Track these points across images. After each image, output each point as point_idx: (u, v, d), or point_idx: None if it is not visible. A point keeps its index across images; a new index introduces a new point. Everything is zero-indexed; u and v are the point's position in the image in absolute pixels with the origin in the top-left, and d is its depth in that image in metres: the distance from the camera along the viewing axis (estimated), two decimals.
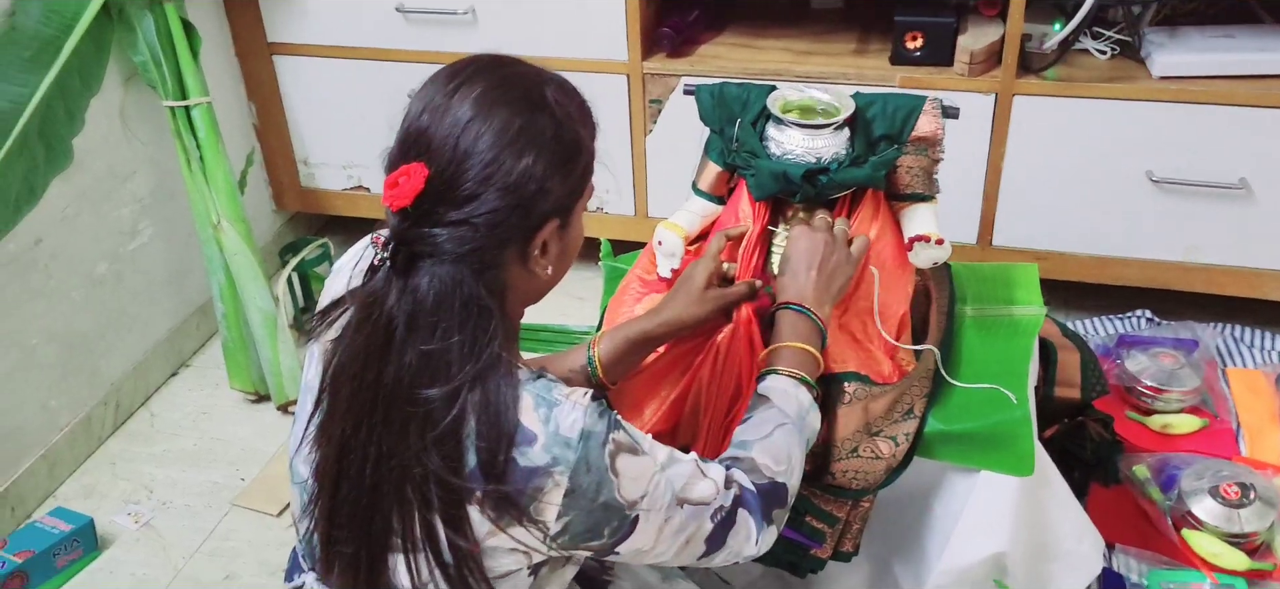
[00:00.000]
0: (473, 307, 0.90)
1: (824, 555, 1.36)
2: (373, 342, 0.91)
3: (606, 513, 0.92)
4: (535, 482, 0.90)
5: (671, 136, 2.07)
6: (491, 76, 0.92)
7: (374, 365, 0.91)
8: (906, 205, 1.36)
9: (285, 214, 2.48)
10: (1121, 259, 1.99)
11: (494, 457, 0.89)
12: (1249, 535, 1.55)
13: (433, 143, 0.89)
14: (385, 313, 0.90)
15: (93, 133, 1.88)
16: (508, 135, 0.89)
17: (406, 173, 0.88)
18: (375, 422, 0.91)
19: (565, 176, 0.92)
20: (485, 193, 0.88)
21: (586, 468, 0.90)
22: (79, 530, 1.74)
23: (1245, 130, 1.83)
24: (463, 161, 0.88)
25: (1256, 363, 1.96)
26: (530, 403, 0.91)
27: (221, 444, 1.98)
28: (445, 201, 0.88)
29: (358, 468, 0.93)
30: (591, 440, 0.90)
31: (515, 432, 0.89)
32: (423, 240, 0.89)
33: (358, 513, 0.94)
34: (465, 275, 0.89)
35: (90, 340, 1.97)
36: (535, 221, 0.92)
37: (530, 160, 0.89)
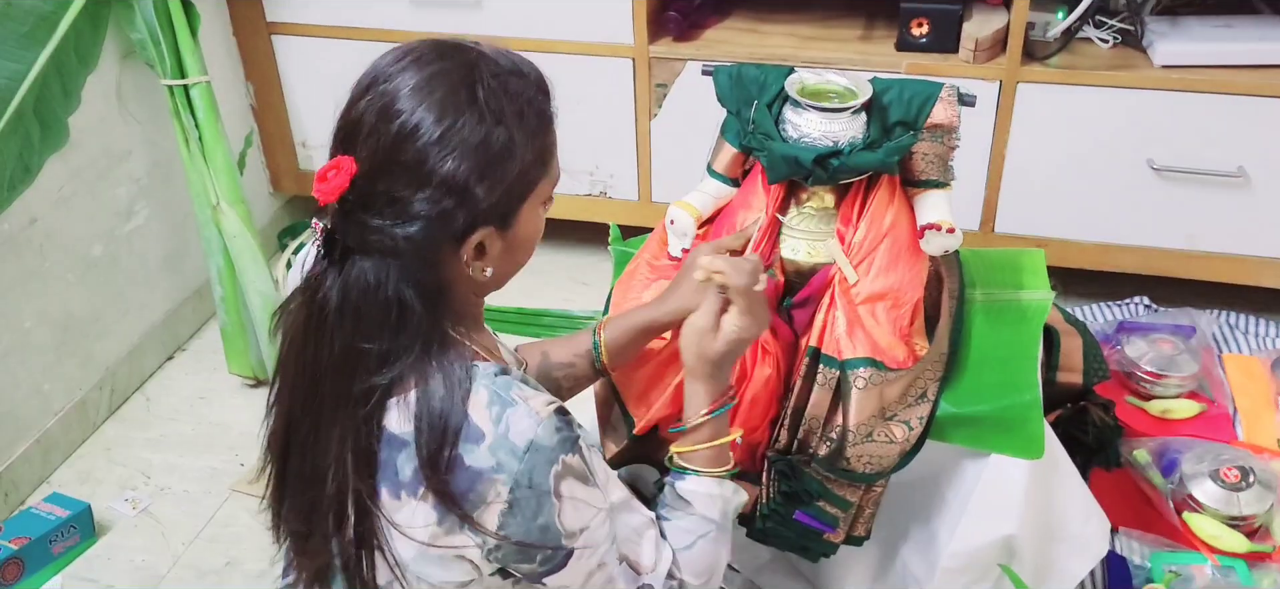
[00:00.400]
0: (393, 305, 0.88)
1: (837, 540, 1.37)
2: (309, 323, 0.91)
3: (543, 536, 0.90)
4: (479, 486, 0.88)
5: (677, 121, 2.07)
6: (423, 69, 0.88)
7: (310, 348, 0.91)
8: (921, 192, 1.36)
9: (283, 197, 2.46)
10: (1122, 246, 2.01)
11: (437, 453, 0.87)
12: (1248, 518, 1.58)
13: (361, 138, 0.87)
14: (320, 298, 0.90)
15: (89, 111, 1.85)
16: (430, 140, 0.86)
17: (335, 166, 0.86)
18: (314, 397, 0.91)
19: (493, 184, 0.88)
20: (405, 201, 0.86)
21: (529, 482, 0.88)
22: (76, 516, 1.72)
23: (1244, 119, 1.85)
24: (386, 163, 0.86)
25: (1252, 349, 1.98)
26: (484, 399, 0.89)
27: (220, 429, 1.96)
28: (369, 202, 0.87)
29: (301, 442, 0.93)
30: (538, 454, 0.88)
31: (461, 425, 0.88)
32: (352, 235, 0.88)
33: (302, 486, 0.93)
34: (391, 274, 0.88)
35: (85, 323, 1.94)
36: (461, 229, 0.89)
37: (449, 168, 0.86)
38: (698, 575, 1.05)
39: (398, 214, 0.86)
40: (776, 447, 1.34)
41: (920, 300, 1.36)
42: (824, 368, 1.30)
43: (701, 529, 1.06)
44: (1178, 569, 1.52)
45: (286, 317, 0.95)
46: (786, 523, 1.35)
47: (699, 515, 1.07)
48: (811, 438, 1.31)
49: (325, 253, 0.90)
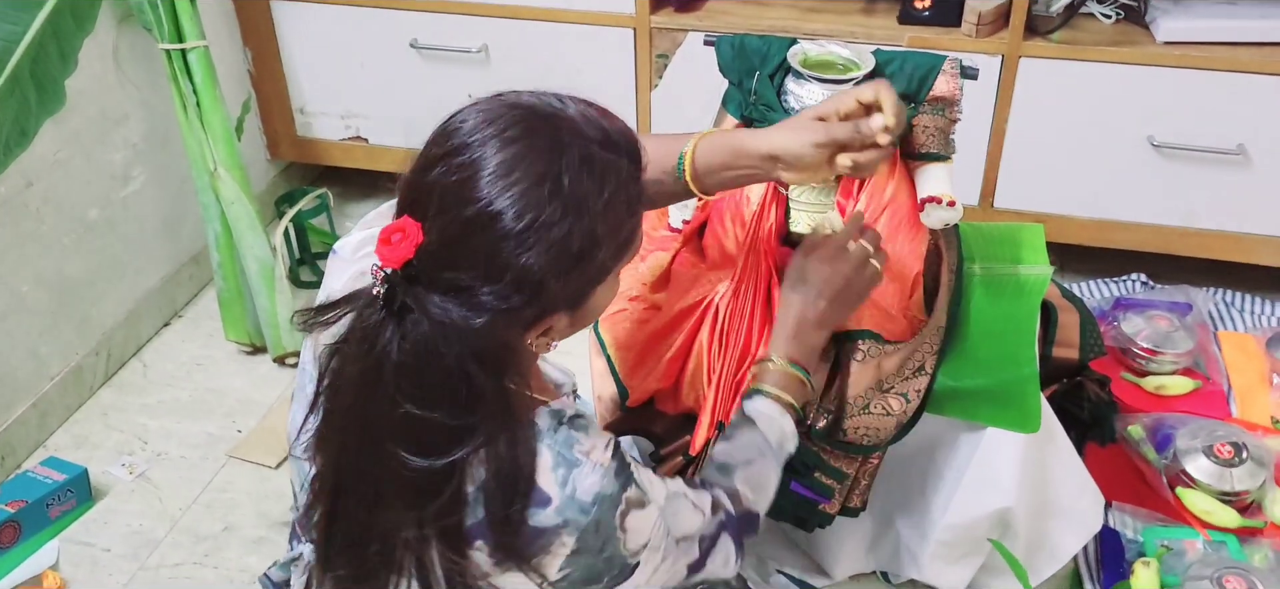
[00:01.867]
0: (459, 377, 0.82)
1: (832, 511, 1.38)
2: (365, 378, 0.85)
3: (609, 565, 0.91)
4: (543, 540, 0.88)
5: (677, 92, 2.06)
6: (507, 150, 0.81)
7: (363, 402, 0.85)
8: (922, 165, 1.36)
9: (280, 164, 2.44)
10: (1120, 223, 2.01)
11: (506, 514, 0.85)
12: (1240, 494, 1.59)
13: (432, 210, 0.81)
14: (378, 351, 0.83)
15: (86, 75, 1.84)
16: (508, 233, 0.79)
17: (401, 230, 0.80)
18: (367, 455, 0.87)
19: (569, 279, 0.83)
20: (476, 289, 0.81)
21: (596, 530, 0.89)
22: (72, 480, 1.72)
23: (1245, 97, 1.85)
24: (456, 245, 0.81)
25: (1247, 327, 1.99)
26: (549, 463, 0.87)
27: (216, 395, 1.96)
28: (434, 282, 0.81)
29: (353, 502, 0.89)
30: (605, 504, 0.88)
31: (530, 493, 0.86)
32: (414, 298, 0.82)
33: (353, 545, 0.90)
34: (452, 345, 0.81)
35: (81, 288, 1.94)
36: (531, 319, 0.85)
37: (524, 262, 0.80)
38: (755, 490, 1.07)
39: (464, 302, 0.81)
40: None
41: (920, 273, 1.36)
42: None
43: (762, 447, 1.09)
44: (1170, 544, 1.54)
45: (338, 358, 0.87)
46: (783, 494, 1.35)
47: (761, 434, 1.10)
48: (809, 409, 1.32)
49: (384, 305, 0.83)
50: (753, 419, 1.11)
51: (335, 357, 0.89)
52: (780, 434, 1.11)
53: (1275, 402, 1.80)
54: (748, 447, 1.09)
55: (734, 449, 1.09)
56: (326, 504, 0.92)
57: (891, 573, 1.54)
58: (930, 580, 1.48)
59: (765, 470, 1.09)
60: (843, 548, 1.53)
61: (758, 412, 1.11)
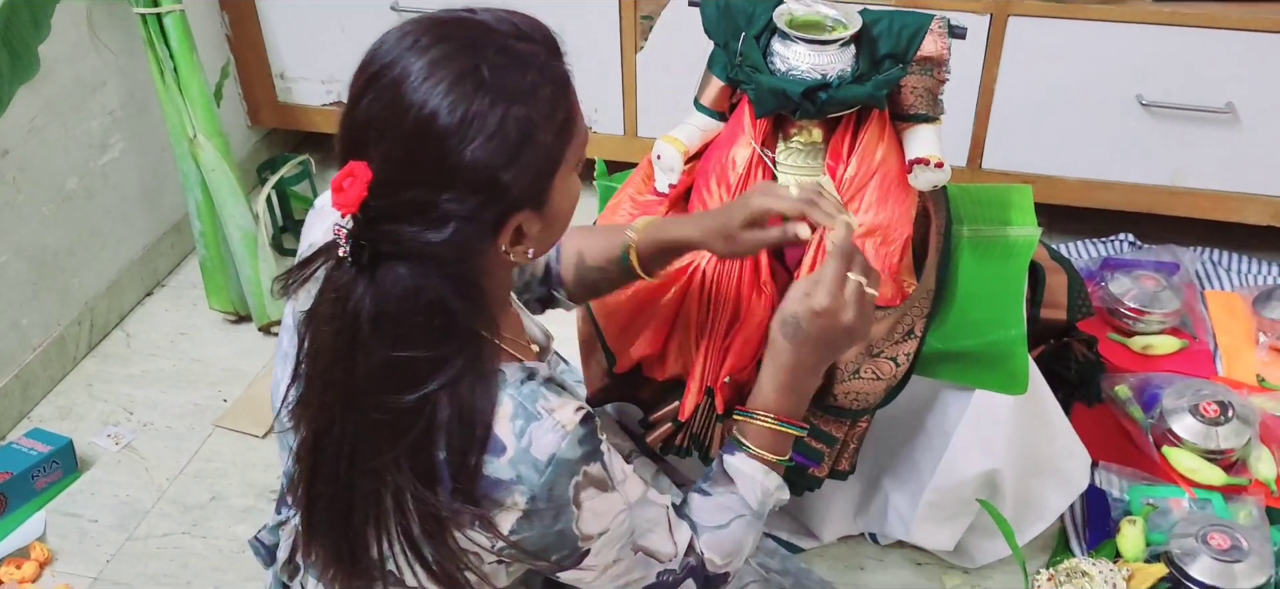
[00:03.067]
0: (437, 308, 0.84)
1: (821, 475, 1.38)
2: (341, 338, 0.86)
3: (560, 540, 0.90)
4: (496, 493, 0.87)
5: (663, 54, 2.04)
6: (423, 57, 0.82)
7: (341, 363, 0.86)
8: (910, 126, 1.35)
9: (261, 130, 2.41)
10: (1108, 183, 2.01)
11: (464, 460, 0.85)
12: (1226, 452, 1.60)
13: (371, 141, 0.82)
14: (351, 308, 0.84)
15: (60, 41, 1.80)
16: (444, 132, 0.80)
17: (349, 174, 0.81)
18: (346, 420, 0.87)
19: (519, 170, 0.83)
20: (431, 205, 0.81)
21: (548, 494, 0.87)
22: (58, 452, 1.71)
23: (1234, 54, 1.84)
24: (403, 167, 0.81)
25: (1234, 286, 2.00)
26: (508, 411, 0.87)
27: (201, 365, 1.95)
28: (395, 212, 0.82)
29: (332, 463, 0.89)
30: (560, 469, 0.87)
31: (487, 439, 0.86)
32: (379, 241, 0.83)
33: (335, 507, 0.90)
34: (430, 277, 0.83)
35: (61, 258, 1.91)
36: (495, 221, 0.85)
37: (470, 162, 0.80)
38: (724, 555, 1.03)
39: (427, 220, 0.82)
40: None
41: (909, 237, 1.36)
42: None
43: (739, 510, 1.03)
44: (1155, 502, 1.55)
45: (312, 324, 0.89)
46: None
47: (739, 496, 1.04)
48: None
49: (352, 259, 0.84)
50: (732, 479, 1.04)
51: (311, 323, 0.89)
52: (762, 494, 1.05)
53: (1261, 360, 1.81)
54: (723, 509, 1.04)
55: (709, 509, 1.04)
56: (308, 473, 0.91)
57: (879, 535, 1.55)
58: (918, 541, 1.49)
59: (741, 534, 1.04)
60: (831, 510, 1.53)
61: (737, 470, 1.04)
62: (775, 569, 1.33)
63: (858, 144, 1.31)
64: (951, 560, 1.52)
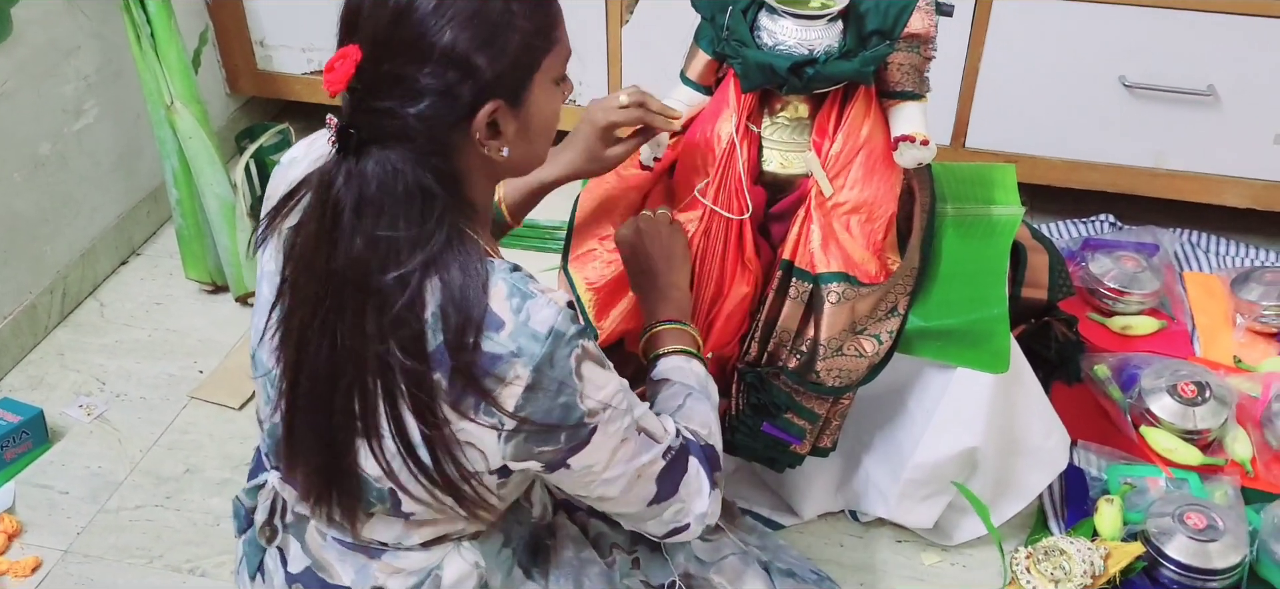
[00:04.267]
0: (416, 192, 0.88)
1: (803, 451, 1.38)
2: (323, 227, 0.89)
3: (565, 413, 0.91)
4: (498, 368, 0.89)
5: (648, 27, 2.03)
6: None
7: (324, 250, 0.89)
8: (896, 103, 1.34)
9: (240, 98, 2.38)
10: (1090, 163, 2.01)
11: (461, 338, 0.88)
12: (1202, 432, 1.61)
13: (362, 22, 0.87)
14: (334, 197, 0.88)
15: (33, 3, 1.77)
16: (425, 13, 0.86)
17: (341, 56, 0.86)
18: (328, 309, 0.90)
19: (495, 55, 0.88)
20: (409, 78, 0.86)
21: (550, 364, 0.89)
22: (28, 422, 1.68)
23: (1216, 37, 1.85)
24: (385, 46, 0.86)
25: (1212, 267, 2.01)
26: (503, 291, 0.90)
27: (177, 335, 1.92)
28: (378, 87, 0.86)
29: (313, 358, 0.91)
30: (560, 340, 0.89)
31: (483, 316, 0.88)
32: (366, 125, 0.87)
33: (318, 403, 0.92)
34: (408, 161, 0.88)
35: (34, 225, 1.88)
36: (469, 104, 0.88)
37: (448, 40, 0.86)
38: (702, 425, 1.09)
39: (405, 93, 0.86)
40: (746, 359, 1.34)
41: (894, 214, 1.36)
42: (796, 281, 1.30)
43: (682, 392, 1.10)
44: (1133, 481, 1.56)
45: (295, 232, 0.92)
46: (754, 435, 1.36)
47: (678, 384, 1.11)
48: (781, 351, 1.31)
49: (340, 147, 0.88)
50: (663, 377, 1.13)
51: (295, 233, 0.93)
52: (695, 375, 1.13)
53: (1238, 342, 1.83)
54: (670, 397, 1.10)
55: (659, 404, 1.10)
56: (291, 383, 0.93)
57: (860, 512, 1.55)
58: (899, 519, 1.49)
59: (698, 407, 1.10)
60: (812, 487, 1.53)
61: (664, 370, 1.14)
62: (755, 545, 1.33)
63: (844, 120, 1.30)
64: (931, 538, 1.52)
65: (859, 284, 1.30)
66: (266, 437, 1.04)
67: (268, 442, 1.04)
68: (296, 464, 0.98)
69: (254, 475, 1.16)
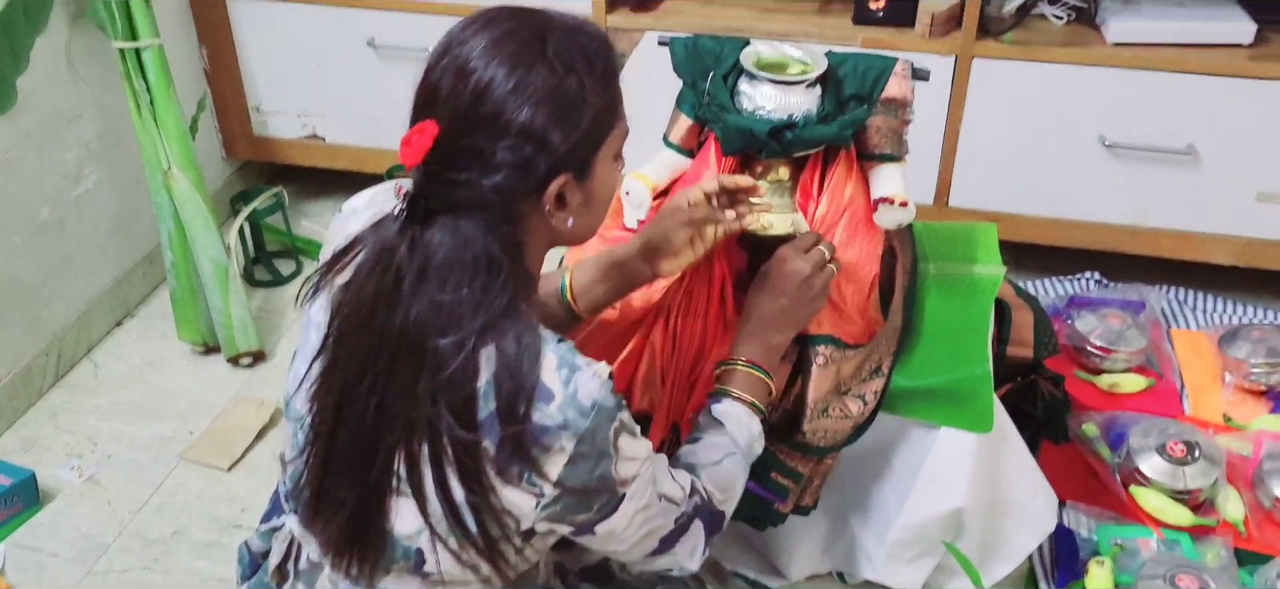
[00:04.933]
0: (483, 260, 0.91)
1: (785, 510, 1.38)
2: (382, 290, 0.91)
3: (601, 484, 0.94)
4: (546, 438, 0.91)
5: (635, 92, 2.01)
6: (494, 29, 0.92)
7: (381, 312, 0.92)
8: (875, 165, 1.36)
9: (236, 162, 2.42)
10: (1073, 221, 2.03)
11: (513, 408, 0.90)
12: (1193, 492, 1.60)
13: (440, 100, 0.91)
14: (396, 263, 0.91)
15: (38, 73, 1.82)
16: (505, 91, 0.89)
17: (419, 130, 0.89)
18: (379, 370, 0.92)
19: (567, 130, 0.91)
20: (488, 152, 0.89)
21: (593, 436, 0.91)
22: (19, 484, 1.69)
23: (1195, 98, 1.87)
24: (464, 121, 0.90)
25: (1199, 325, 2.01)
26: (553, 363, 0.91)
27: (169, 396, 1.94)
28: (454, 160, 0.90)
29: (358, 416, 0.93)
30: (603, 413, 0.91)
31: (535, 387, 0.90)
32: (437, 195, 0.91)
33: (357, 460, 0.94)
34: (478, 229, 0.91)
35: (31, 288, 1.91)
36: (542, 177, 0.92)
37: (526, 117, 0.89)
38: (722, 490, 1.10)
39: (482, 165, 0.90)
40: None
41: (877, 275, 1.37)
42: None
43: (729, 448, 1.12)
44: (1124, 542, 1.55)
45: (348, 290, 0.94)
46: None
47: (729, 436, 1.13)
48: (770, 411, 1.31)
49: (408, 215, 0.91)
50: (721, 421, 1.14)
51: (348, 289, 0.95)
52: (748, 435, 1.14)
53: (1227, 400, 1.83)
54: (716, 447, 1.12)
55: (701, 450, 1.12)
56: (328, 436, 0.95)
57: (847, 573, 1.54)
58: (886, 581, 1.48)
59: (733, 470, 1.12)
60: (799, 548, 1.53)
61: (726, 414, 1.14)
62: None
63: (827, 183, 1.32)
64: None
65: (845, 346, 1.31)
66: (288, 480, 1.04)
67: (288, 484, 1.04)
68: (320, 516, 0.99)
69: (269, 517, 1.17)
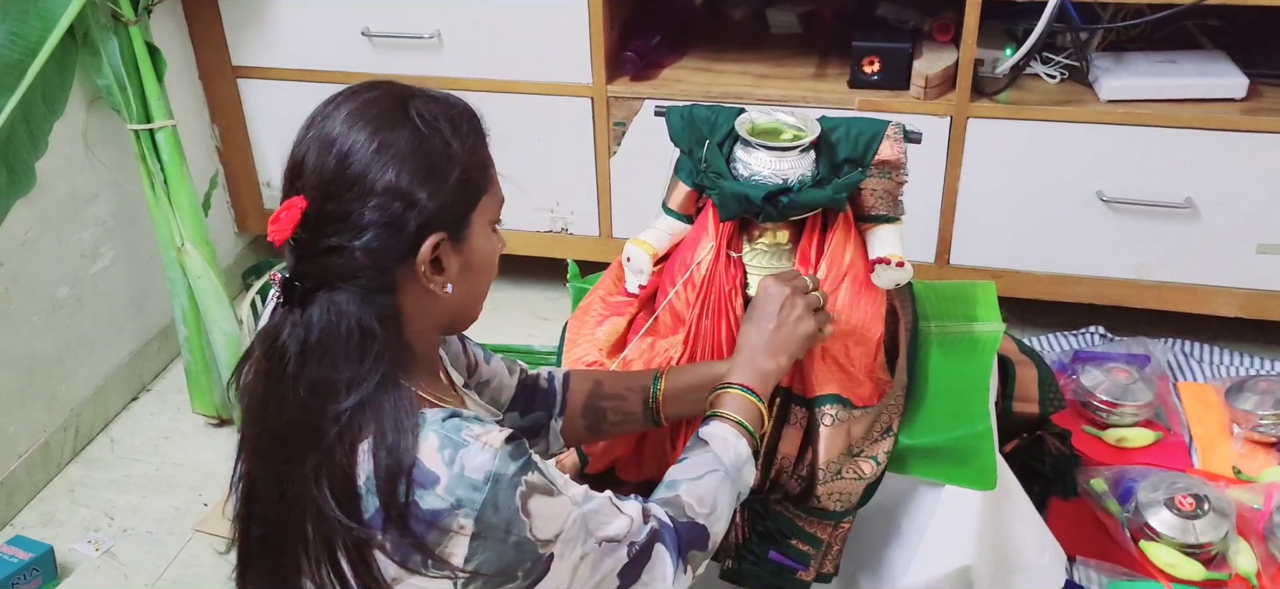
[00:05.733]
0: (355, 332, 0.90)
1: (808, 578, 1.37)
2: (271, 379, 0.91)
3: (519, 553, 0.91)
4: (439, 523, 0.88)
5: (635, 158, 2.10)
6: (357, 100, 0.92)
7: (272, 402, 0.91)
8: (872, 227, 1.38)
9: (247, 237, 2.47)
10: (1075, 277, 2.04)
11: (393, 497, 0.88)
12: (1204, 546, 1.59)
13: (306, 172, 0.90)
14: (279, 348, 0.91)
15: (56, 156, 1.87)
16: (369, 153, 0.89)
17: (287, 207, 0.89)
18: (277, 459, 0.91)
19: (435, 187, 0.91)
20: (356, 214, 0.89)
21: (494, 509, 0.88)
22: (38, 559, 1.71)
23: (1190, 152, 1.89)
24: (330, 187, 0.89)
25: (1206, 377, 2.01)
26: (434, 444, 0.89)
27: (183, 469, 1.96)
28: (322, 230, 0.89)
29: (262, 509, 0.93)
30: (500, 483, 0.89)
31: (412, 469, 0.88)
32: (311, 272, 0.90)
33: (267, 553, 0.93)
34: (352, 301, 0.90)
35: (49, 365, 1.94)
36: (413, 236, 0.91)
37: (392, 176, 0.89)
38: (702, 503, 1.08)
39: (351, 228, 0.89)
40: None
41: (882, 336, 1.38)
42: (795, 407, 1.32)
43: (712, 465, 1.10)
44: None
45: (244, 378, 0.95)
46: (762, 562, 1.35)
47: (713, 453, 1.11)
48: (783, 477, 1.32)
49: (285, 300, 0.91)
50: (706, 441, 1.12)
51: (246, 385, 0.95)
52: (735, 455, 1.11)
53: (1236, 452, 1.82)
54: (699, 464, 1.10)
55: (684, 467, 1.10)
56: (244, 517, 0.95)
57: None
58: None
59: (716, 486, 1.09)
60: None
61: (711, 434, 1.13)
62: None
63: (826, 247, 1.33)
64: None
65: (852, 407, 1.31)
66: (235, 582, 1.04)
67: None
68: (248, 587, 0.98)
69: None
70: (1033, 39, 1.88)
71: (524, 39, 2.04)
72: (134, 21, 1.85)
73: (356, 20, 2.09)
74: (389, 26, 2.08)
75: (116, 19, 1.85)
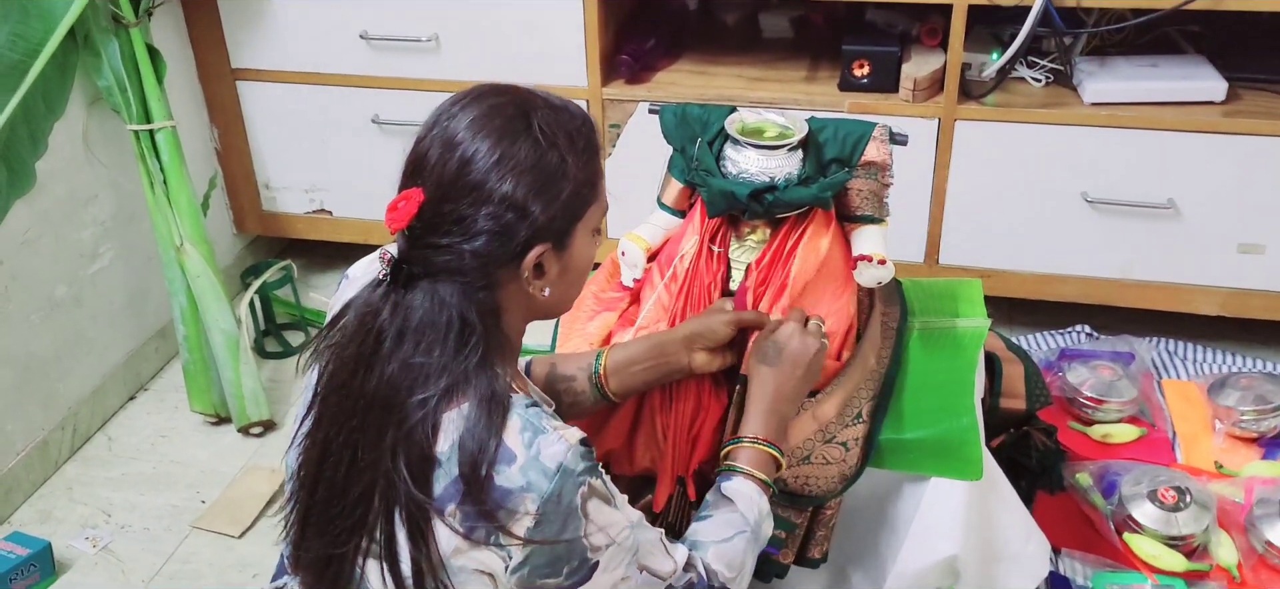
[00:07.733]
0: (456, 323, 0.94)
1: (787, 561, 1.39)
2: (363, 351, 0.95)
3: (569, 550, 0.94)
4: (509, 501, 0.92)
5: (631, 159, 2.12)
6: (482, 104, 0.96)
7: (360, 374, 0.94)
8: (857, 226, 1.41)
9: (246, 237, 2.48)
10: (1061, 276, 2.06)
11: (475, 470, 0.91)
12: (1186, 537, 1.62)
13: (426, 169, 0.94)
14: (377, 325, 0.95)
15: (56, 156, 1.89)
16: (490, 163, 0.93)
17: (405, 197, 0.93)
18: (355, 426, 0.94)
19: (548, 202, 0.95)
20: (470, 218, 0.93)
21: (557, 500, 0.92)
22: (36, 555, 1.72)
23: (1172, 154, 1.92)
24: (449, 189, 0.93)
25: (1189, 374, 2.04)
26: (517, 425, 0.94)
27: (180, 467, 1.98)
28: (437, 226, 0.93)
29: (334, 470, 0.96)
30: (567, 477, 0.92)
31: (497, 448, 0.92)
32: (419, 260, 0.94)
33: (332, 514, 0.96)
34: (455, 294, 0.94)
35: (47, 364, 1.96)
36: (520, 246, 0.95)
37: (509, 187, 0.93)
38: (731, 567, 1.09)
39: (463, 231, 0.93)
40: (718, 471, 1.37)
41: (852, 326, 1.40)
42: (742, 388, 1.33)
43: (740, 526, 1.11)
44: (1119, 588, 1.56)
45: (334, 351, 0.98)
46: None
47: (739, 513, 1.12)
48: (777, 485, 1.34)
49: (391, 280, 0.95)
50: (731, 498, 1.13)
51: (333, 350, 0.98)
52: (758, 513, 1.14)
53: (1218, 447, 1.85)
54: (726, 525, 1.11)
55: (710, 526, 1.11)
56: (310, 484, 0.97)
57: None
58: None
59: (743, 548, 1.11)
60: None
61: (735, 491, 1.14)
62: None
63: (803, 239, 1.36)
64: None
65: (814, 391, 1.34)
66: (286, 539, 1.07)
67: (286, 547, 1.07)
68: (300, 566, 1.01)
69: (277, 577, 1.19)
70: (1018, 43, 1.91)
71: (521, 42, 2.07)
72: (134, 23, 1.88)
73: (355, 23, 2.11)
74: (387, 29, 2.10)
75: (117, 21, 1.87)
